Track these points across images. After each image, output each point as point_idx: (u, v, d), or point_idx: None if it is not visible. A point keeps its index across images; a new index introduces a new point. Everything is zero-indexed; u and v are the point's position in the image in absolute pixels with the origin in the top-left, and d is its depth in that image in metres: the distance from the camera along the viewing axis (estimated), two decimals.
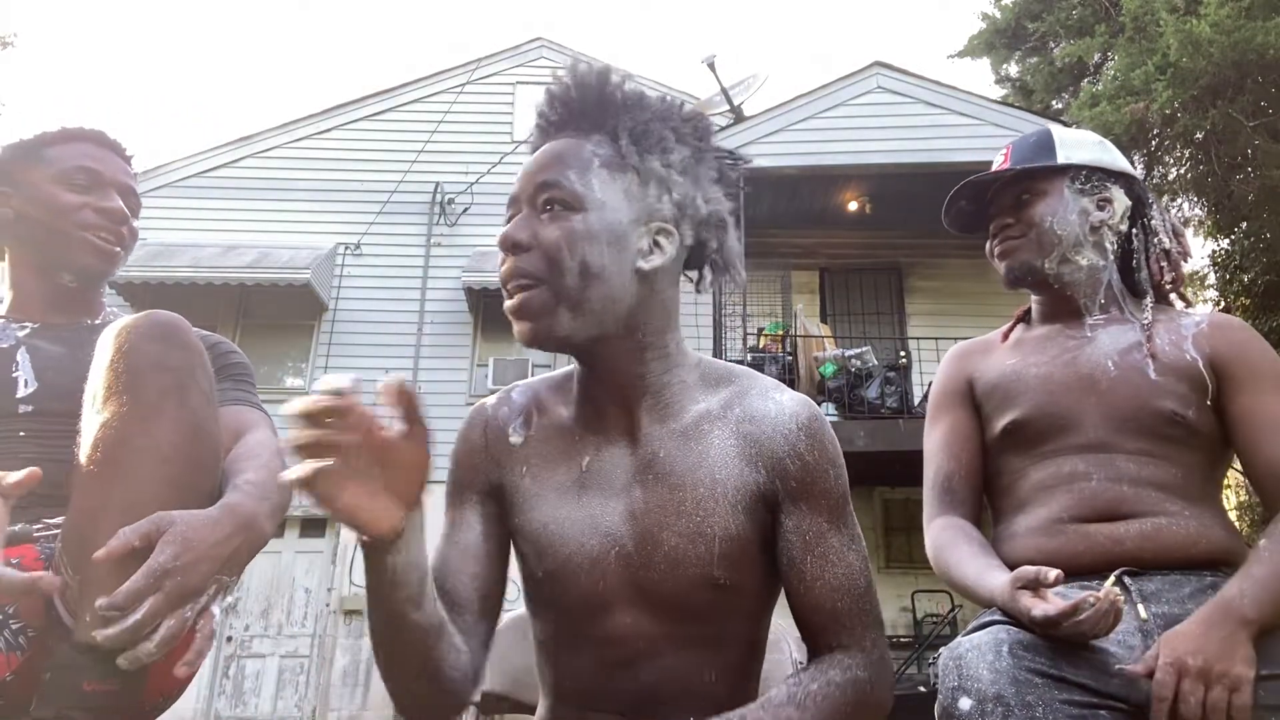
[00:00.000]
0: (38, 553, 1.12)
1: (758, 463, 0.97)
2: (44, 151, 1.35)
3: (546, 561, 0.97)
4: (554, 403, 1.05)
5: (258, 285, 8.78)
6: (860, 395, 7.53)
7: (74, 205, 1.33)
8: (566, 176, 0.96)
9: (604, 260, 0.94)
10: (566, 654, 0.99)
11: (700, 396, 1.01)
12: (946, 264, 9.13)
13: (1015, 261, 1.41)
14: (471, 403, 8.89)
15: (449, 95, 10.16)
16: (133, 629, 0.88)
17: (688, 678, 0.95)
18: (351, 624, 8.21)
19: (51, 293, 1.36)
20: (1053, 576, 1.05)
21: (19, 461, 1.18)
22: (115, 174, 1.38)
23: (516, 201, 0.98)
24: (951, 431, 1.40)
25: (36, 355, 1.28)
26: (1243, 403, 1.25)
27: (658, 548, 0.95)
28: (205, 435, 1.04)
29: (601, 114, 1.00)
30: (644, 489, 0.97)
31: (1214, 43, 8.72)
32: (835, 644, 0.95)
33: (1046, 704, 0.99)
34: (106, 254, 1.35)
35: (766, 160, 7.97)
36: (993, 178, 1.45)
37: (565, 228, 0.94)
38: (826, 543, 0.96)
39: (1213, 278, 12.07)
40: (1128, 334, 1.34)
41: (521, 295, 0.94)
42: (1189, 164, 11.24)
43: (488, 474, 1.04)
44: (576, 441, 1.01)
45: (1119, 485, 1.23)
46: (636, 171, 0.98)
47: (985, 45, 13.56)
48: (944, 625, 7.31)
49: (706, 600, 0.95)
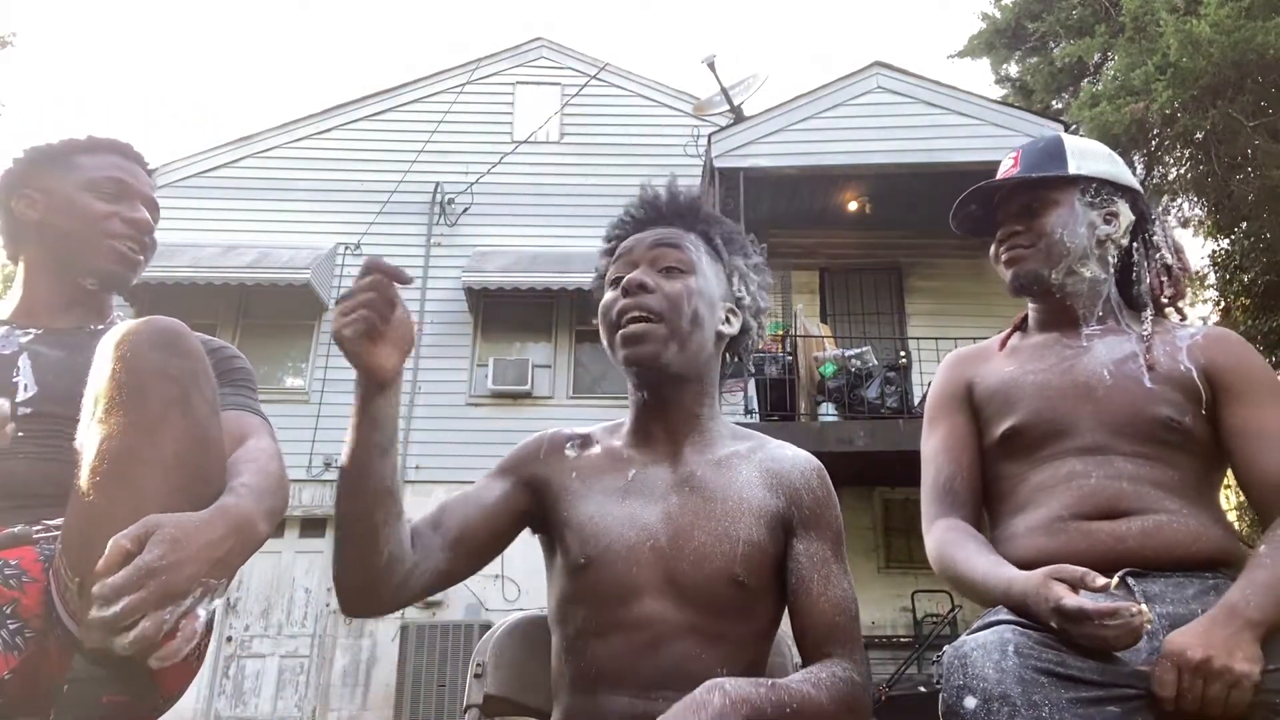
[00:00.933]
0: (37, 554, 1.12)
1: (778, 491, 1.17)
2: (73, 159, 1.39)
3: (589, 548, 1.13)
4: (606, 438, 1.26)
5: (258, 285, 8.77)
6: (860, 395, 7.53)
7: (103, 214, 1.37)
8: (685, 246, 1.23)
9: (704, 316, 1.21)
10: (596, 643, 1.10)
11: (730, 443, 1.23)
12: (946, 264, 9.14)
13: (1023, 270, 1.42)
14: (471, 402, 8.94)
15: (449, 95, 10.16)
16: (107, 622, 0.88)
17: (702, 666, 1.06)
18: (351, 624, 8.20)
19: (67, 296, 1.39)
20: (1100, 582, 1.06)
21: (18, 460, 1.20)
22: (141, 186, 1.43)
23: (629, 258, 1.23)
24: (951, 435, 1.42)
25: (37, 360, 1.30)
26: (1237, 413, 1.27)
27: (688, 543, 1.12)
28: (209, 443, 1.05)
29: (694, 219, 1.28)
30: (680, 497, 1.16)
31: (1214, 43, 8.72)
32: (832, 653, 1.09)
33: (1053, 703, 1.00)
34: (130, 261, 1.40)
35: (766, 160, 7.98)
36: (1002, 183, 1.45)
37: (685, 283, 1.20)
38: (830, 567, 1.14)
39: (1213, 278, 12.07)
40: (1123, 344, 1.36)
41: (644, 325, 1.17)
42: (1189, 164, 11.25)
43: (534, 468, 1.22)
44: (625, 460, 1.22)
45: (1118, 482, 1.25)
46: (725, 264, 1.28)
47: (985, 45, 13.56)
48: (944, 625, 7.31)
49: (727, 596, 1.10)
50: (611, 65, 10.40)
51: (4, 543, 1.14)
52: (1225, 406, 1.29)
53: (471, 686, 1.38)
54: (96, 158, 1.40)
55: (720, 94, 8.94)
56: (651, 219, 1.27)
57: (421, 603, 8.86)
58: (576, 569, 1.13)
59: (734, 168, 7.92)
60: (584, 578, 1.12)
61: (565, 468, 1.21)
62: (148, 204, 1.43)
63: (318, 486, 8.54)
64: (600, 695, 1.08)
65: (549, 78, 10.54)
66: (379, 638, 8.18)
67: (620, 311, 1.19)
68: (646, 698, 1.05)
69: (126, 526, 0.93)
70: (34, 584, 1.09)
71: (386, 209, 9.52)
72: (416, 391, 8.92)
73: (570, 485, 1.19)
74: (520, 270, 9.01)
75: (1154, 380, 1.30)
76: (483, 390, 9.01)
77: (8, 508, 1.18)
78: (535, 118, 10.11)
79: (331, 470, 8.57)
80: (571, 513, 1.16)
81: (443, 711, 7.56)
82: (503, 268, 9.11)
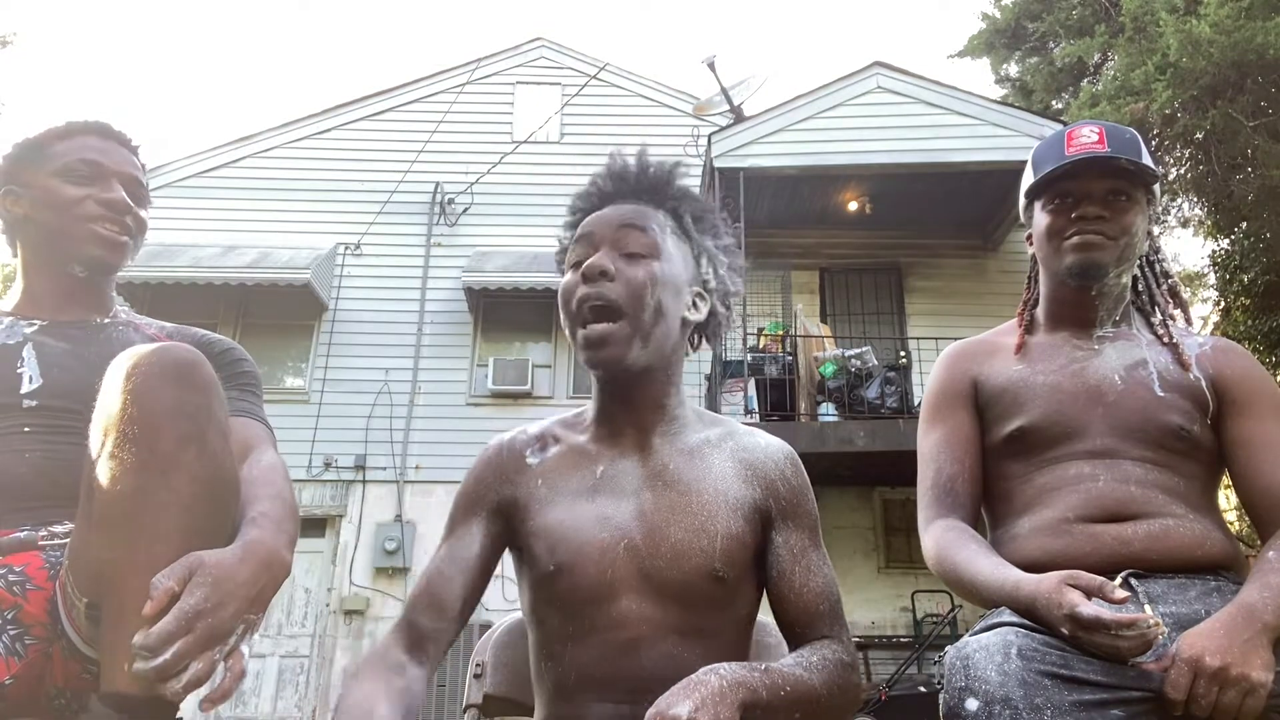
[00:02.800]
0: (43, 561, 1.11)
1: (754, 482, 1.14)
2: (49, 148, 1.35)
3: (559, 554, 1.09)
4: (567, 434, 1.21)
5: (258, 285, 8.77)
6: (860, 395, 7.52)
7: (75, 198, 1.32)
8: (650, 227, 1.16)
9: (669, 304, 1.15)
10: (573, 647, 1.08)
11: (700, 429, 1.20)
12: (946, 264, 9.13)
13: (1099, 257, 1.33)
14: (472, 402, 8.94)
15: (449, 95, 10.16)
16: (160, 669, 0.87)
17: (684, 663, 1.03)
18: (351, 624, 8.21)
19: (63, 287, 1.35)
20: (1120, 595, 1.04)
21: (23, 459, 1.18)
22: (119, 164, 1.37)
23: (590, 239, 1.16)
24: (955, 433, 1.39)
25: (43, 351, 1.28)
26: (1241, 425, 1.28)
27: (664, 540, 1.08)
28: (225, 479, 1.01)
29: (664, 195, 1.21)
30: (653, 493, 1.12)
31: (1214, 43, 8.71)
32: (821, 637, 1.10)
33: (1056, 706, 0.99)
34: (112, 244, 1.34)
35: (766, 160, 7.98)
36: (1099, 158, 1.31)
37: (648, 270, 1.13)
38: (809, 556, 1.13)
39: (1213, 278, 12.06)
40: (1134, 350, 1.36)
41: (605, 327, 1.11)
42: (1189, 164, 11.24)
43: (499, 490, 1.17)
44: (592, 456, 1.17)
45: (1126, 486, 1.24)
46: (692, 244, 1.21)
47: (985, 45, 13.56)
48: (944, 625, 7.30)
49: (706, 591, 1.07)
50: (611, 65, 10.40)
51: (10, 547, 1.13)
52: (1229, 418, 1.29)
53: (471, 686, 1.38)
54: (70, 143, 1.35)
55: (720, 94, 8.95)
56: (619, 192, 1.20)
57: None
58: (546, 576, 1.10)
59: (734, 168, 7.92)
60: (556, 584, 1.09)
61: (530, 477, 1.17)
62: (128, 182, 1.37)
63: (318, 486, 8.54)
64: (581, 701, 1.06)
65: (549, 78, 10.54)
66: (379, 637, 8.15)
67: (581, 300, 1.13)
68: (630, 701, 1.03)
69: (141, 567, 0.90)
70: (38, 592, 1.08)
71: (386, 209, 9.51)
72: (416, 391, 8.92)
73: (537, 494, 1.15)
74: (520, 270, 9.01)
75: (1164, 387, 1.30)
76: (483, 390, 9.01)
77: (9, 509, 1.16)
78: (535, 118, 10.10)
79: (332, 470, 8.58)
80: (538, 520, 1.13)
81: (443, 711, 7.55)
82: (503, 268, 9.11)
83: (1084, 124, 1.36)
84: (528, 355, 9.22)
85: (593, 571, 1.07)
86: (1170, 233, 12.47)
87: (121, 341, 1.31)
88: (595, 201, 1.21)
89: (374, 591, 8.26)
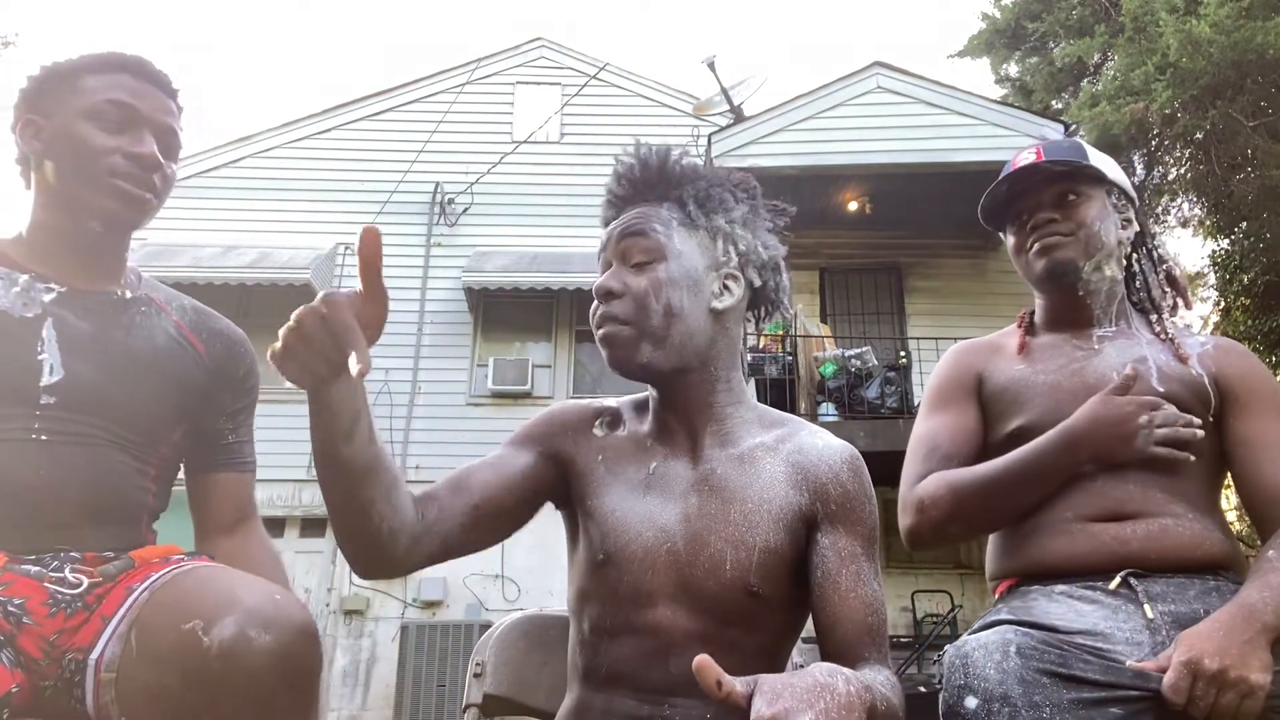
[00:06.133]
0: (47, 594, 1.06)
1: (803, 487, 1.09)
2: (79, 81, 1.21)
3: (608, 544, 1.09)
4: (632, 417, 1.21)
5: (258, 285, 8.77)
6: (860, 395, 7.52)
7: (104, 149, 1.18)
8: (652, 228, 1.13)
9: (684, 302, 1.12)
10: (608, 641, 1.08)
11: (757, 433, 1.15)
12: (946, 264, 9.13)
13: (1061, 256, 1.38)
14: (472, 402, 8.94)
15: (449, 95, 10.15)
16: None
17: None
18: (351, 624, 8.21)
19: (77, 239, 1.22)
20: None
21: (35, 474, 1.09)
22: (153, 111, 1.23)
23: (605, 254, 1.16)
24: (958, 422, 1.38)
25: (64, 333, 1.16)
26: (1244, 424, 1.28)
27: (703, 549, 1.06)
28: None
29: (666, 186, 1.17)
30: (699, 498, 1.10)
31: (1214, 43, 8.72)
32: (864, 656, 1.00)
33: (1055, 704, 0.99)
34: (136, 201, 1.20)
35: (766, 160, 7.97)
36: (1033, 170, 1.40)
37: (652, 277, 1.12)
38: (859, 563, 1.05)
39: (1213, 278, 12.06)
40: (1133, 348, 1.36)
41: (612, 328, 1.11)
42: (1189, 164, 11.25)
43: (562, 442, 1.18)
44: (647, 449, 1.16)
45: (1126, 485, 1.24)
46: (704, 229, 1.16)
47: (985, 45, 13.55)
48: (944, 625, 7.30)
49: (740, 605, 1.05)
50: (611, 65, 10.40)
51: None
52: (1231, 416, 1.29)
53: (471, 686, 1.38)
54: (103, 78, 1.20)
55: (720, 94, 8.94)
56: (627, 196, 1.19)
57: (421, 603, 8.79)
58: (595, 565, 1.10)
59: (734, 168, 7.91)
60: (601, 575, 1.09)
61: (593, 448, 1.17)
62: (161, 132, 1.23)
63: (317, 487, 8.52)
64: (610, 693, 1.07)
65: (549, 78, 10.53)
66: (379, 638, 8.18)
67: (597, 322, 1.15)
68: (655, 702, 1.03)
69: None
70: (34, 629, 1.03)
71: (386, 209, 9.51)
72: (416, 391, 8.92)
73: (596, 469, 1.15)
74: (520, 270, 9.01)
75: (1163, 382, 1.30)
76: (483, 390, 9.01)
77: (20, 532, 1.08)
78: (535, 118, 10.10)
79: None
80: (597, 502, 1.12)
81: (443, 711, 7.55)
82: (503, 268, 9.11)
83: (1027, 149, 1.45)
84: (528, 355, 9.23)
85: (636, 570, 1.07)
86: (1170, 233, 12.47)
87: (144, 330, 1.24)
88: (612, 211, 1.21)
89: (374, 591, 8.26)
